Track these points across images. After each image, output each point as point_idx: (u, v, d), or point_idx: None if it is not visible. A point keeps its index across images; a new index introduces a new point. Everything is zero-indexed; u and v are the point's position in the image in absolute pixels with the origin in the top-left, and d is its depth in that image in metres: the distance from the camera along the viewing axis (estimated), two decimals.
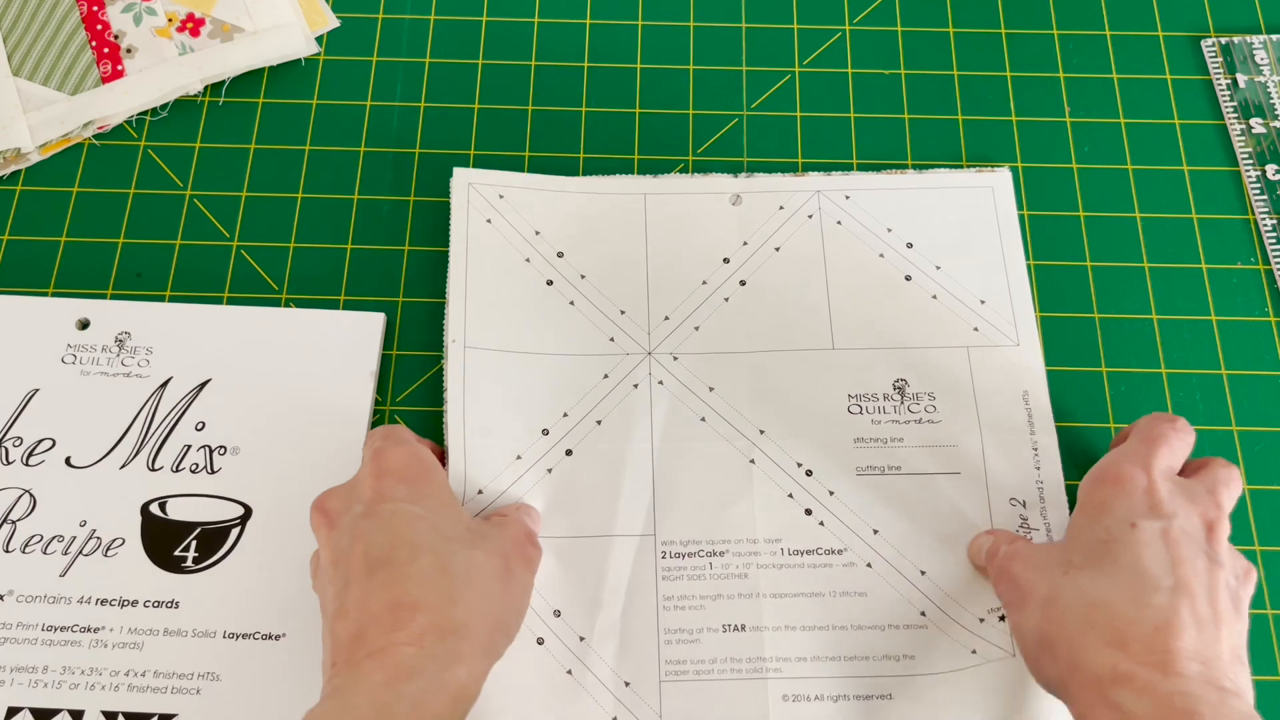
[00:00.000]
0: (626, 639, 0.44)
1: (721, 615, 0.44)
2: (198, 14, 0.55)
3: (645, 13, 0.57)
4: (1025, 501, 0.46)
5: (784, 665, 0.43)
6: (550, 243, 0.51)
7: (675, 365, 0.49)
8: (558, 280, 0.50)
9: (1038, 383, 0.48)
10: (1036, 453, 0.47)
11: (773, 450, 0.47)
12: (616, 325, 0.49)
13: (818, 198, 0.52)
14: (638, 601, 0.44)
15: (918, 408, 0.48)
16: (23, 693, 0.43)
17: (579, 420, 0.47)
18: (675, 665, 0.43)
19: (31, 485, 0.46)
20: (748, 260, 0.51)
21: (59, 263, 0.51)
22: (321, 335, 0.49)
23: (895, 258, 0.51)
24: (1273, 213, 0.53)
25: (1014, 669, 0.43)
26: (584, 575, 0.45)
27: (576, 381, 0.48)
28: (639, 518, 0.46)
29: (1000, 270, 0.51)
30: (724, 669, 0.43)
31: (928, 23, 0.57)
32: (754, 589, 0.45)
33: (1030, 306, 0.50)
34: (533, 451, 0.47)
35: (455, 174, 0.52)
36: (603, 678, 0.43)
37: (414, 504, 0.38)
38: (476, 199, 0.51)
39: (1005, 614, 0.39)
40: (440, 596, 0.36)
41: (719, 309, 0.50)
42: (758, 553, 0.45)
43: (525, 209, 0.51)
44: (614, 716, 0.43)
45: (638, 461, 0.47)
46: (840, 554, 0.45)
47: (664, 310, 0.50)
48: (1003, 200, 0.52)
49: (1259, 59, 0.56)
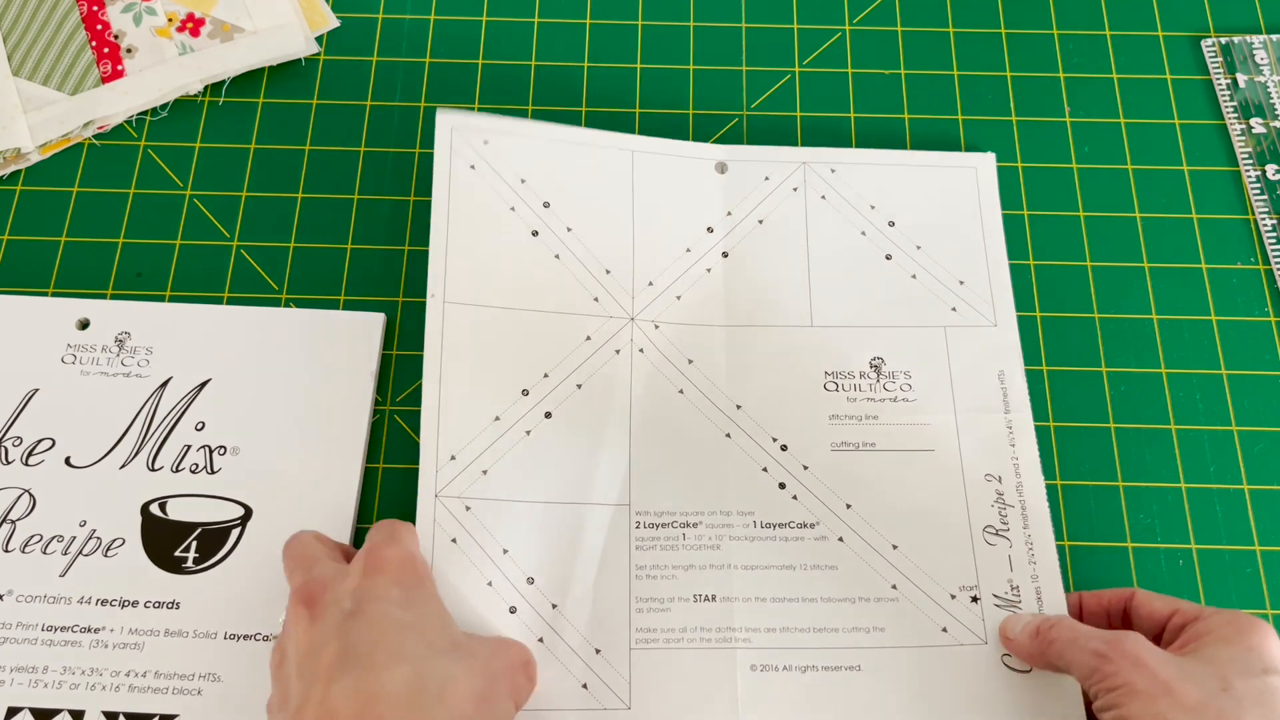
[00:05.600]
0: (598, 607, 0.44)
1: (693, 585, 0.45)
2: (198, 14, 0.55)
3: (645, 13, 0.57)
4: (1001, 477, 0.47)
5: (753, 635, 0.44)
6: (536, 192, 0.50)
7: (656, 334, 0.49)
8: (543, 231, 0.50)
9: (1013, 363, 0.49)
10: (1011, 430, 0.48)
11: (748, 425, 0.47)
12: (601, 285, 0.49)
13: (804, 170, 0.52)
14: (610, 570, 0.45)
15: (893, 386, 0.48)
16: (23, 693, 0.42)
17: (559, 382, 0.47)
18: (646, 633, 0.44)
19: (31, 485, 0.46)
20: (731, 231, 0.51)
21: (59, 263, 0.51)
22: (321, 335, 0.49)
23: (877, 236, 0.51)
24: (1273, 213, 0.53)
25: (984, 656, 0.43)
26: (558, 542, 0.45)
27: (559, 341, 0.48)
28: (614, 487, 0.46)
29: (980, 252, 0.51)
30: (693, 638, 0.44)
31: (928, 23, 0.57)
32: (726, 560, 0.45)
33: (1008, 288, 0.50)
34: (512, 412, 0.47)
35: (439, 116, 0.51)
36: (574, 645, 0.43)
37: (404, 609, 0.37)
38: (460, 143, 0.50)
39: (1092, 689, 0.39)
40: (406, 710, 0.35)
41: (701, 279, 0.50)
42: (730, 525, 0.46)
43: (511, 155, 0.51)
44: (584, 683, 0.43)
45: (615, 430, 0.47)
46: (812, 528, 0.46)
47: (648, 275, 0.50)
48: (985, 182, 0.53)
49: (1259, 59, 0.56)
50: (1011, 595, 0.45)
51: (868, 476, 0.47)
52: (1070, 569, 0.46)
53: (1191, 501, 0.48)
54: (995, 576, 0.45)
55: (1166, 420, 0.49)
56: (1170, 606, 0.41)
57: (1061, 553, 0.46)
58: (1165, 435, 0.49)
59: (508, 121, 0.51)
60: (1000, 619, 0.44)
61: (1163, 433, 0.49)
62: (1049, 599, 0.44)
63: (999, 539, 0.46)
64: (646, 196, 0.51)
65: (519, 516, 0.45)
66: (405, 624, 0.37)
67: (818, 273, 0.50)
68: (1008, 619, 0.44)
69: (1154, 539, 0.47)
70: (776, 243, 0.51)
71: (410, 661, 0.36)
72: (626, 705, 0.43)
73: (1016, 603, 0.44)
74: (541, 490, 0.46)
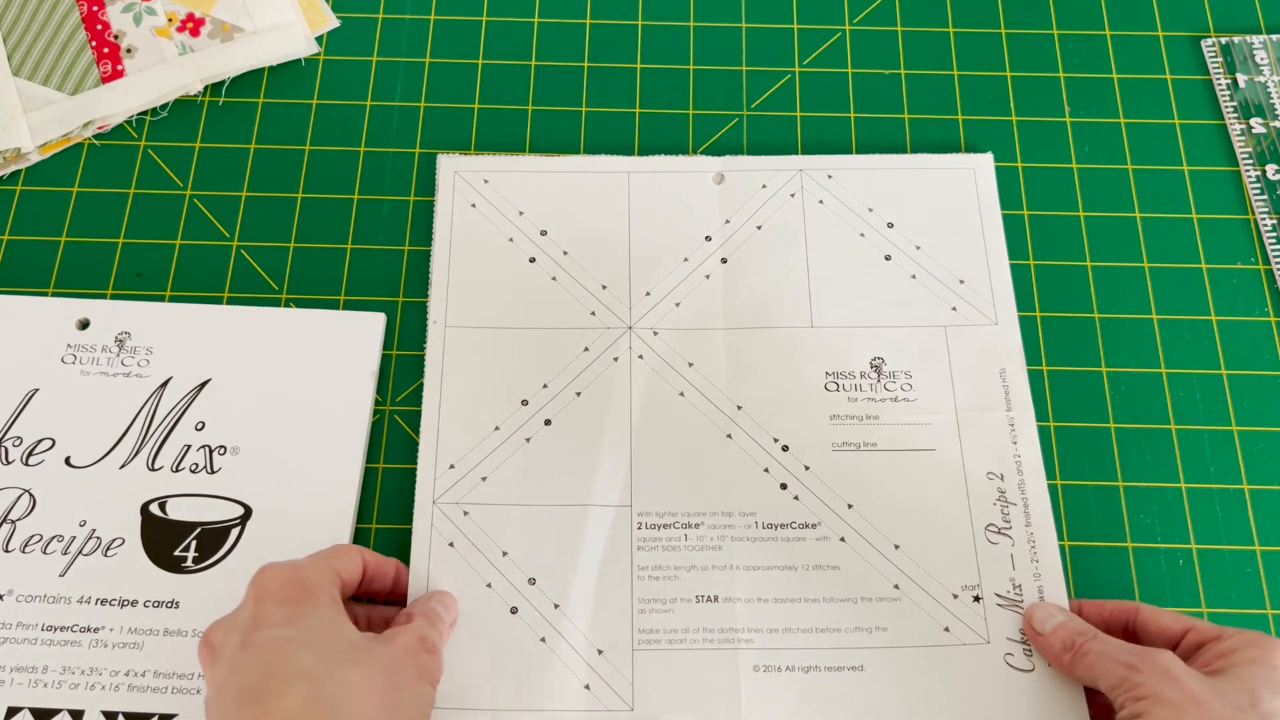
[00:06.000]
0: (600, 608, 0.44)
1: (695, 586, 0.45)
2: (198, 14, 0.55)
3: (645, 13, 0.57)
4: (1003, 475, 0.47)
5: (755, 636, 0.44)
6: (534, 221, 0.51)
7: (655, 340, 0.49)
8: (540, 257, 0.50)
9: (1015, 361, 0.49)
10: (1013, 427, 0.48)
11: (749, 425, 0.48)
12: (598, 299, 0.50)
13: (800, 176, 0.52)
14: (612, 571, 0.45)
15: (894, 386, 0.48)
16: (23, 693, 0.43)
17: (558, 391, 0.48)
18: (648, 634, 0.44)
19: (31, 485, 0.46)
20: (729, 238, 0.51)
21: (59, 263, 0.51)
22: (321, 335, 0.49)
23: (876, 237, 0.51)
24: (1273, 213, 0.53)
25: (987, 655, 0.43)
26: (559, 544, 0.45)
27: (557, 354, 0.49)
28: (616, 489, 0.46)
29: (980, 250, 0.51)
30: (696, 639, 0.44)
31: (928, 23, 0.57)
32: (728, 561, 0.45)
33: (1009, 286, 0.51)
34: (511, 422, 0.47)
35: (440, 161, 0.52)
36: (576, 645, 0.44)
37: (290, 627, 0.37)
38: (462, 185, 0.52)
39: (1119, 698, 0.39)
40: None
41: (700, 286, 0.50)
42: (732, 525, 0.46)
43: (510, 191, 0.52)
44: (586, 684, 0.43)
45: (616, 433, 0.47)
46: (814, 528, 0.46)
47: (645, 286, 0.50)
48: (984, 181, 0.53)
49: (1259, 59, 0.56)
50: (1014, 594, 0.45)
51: (869, 476, 0.47)
52: (1070, 569, 0.46)
53: (1191, 501, 0.48)
54: (998, 575, 0.45)
55: (1166, 420, 0.49)
56: (1183, 624, 0.41)
57: (1061, 553, 0.46)
58: (1165, 435, 0.49)
59: (507, 160, 0.53)
60: (1003, 618, 0.44)
61: (1163, 433, 0.49)
62: (1051, 597, 0.44)
63: (1001, 537, 0.46)
64: (643, 213, 0.52)
65: (519, 520, 0.45)
66: (293, 641, 0.36)
67: (817, 274, 0.51)
68: (1036, 607, 0.44)
69: (1154, 539, 0.47)
70: (775, 247, 0.51)
71: (304, 678, 0.35)
72: (629, 706, 0.43)
73: (1019, 601, 0.44)
74: (542, 494, 0.46)
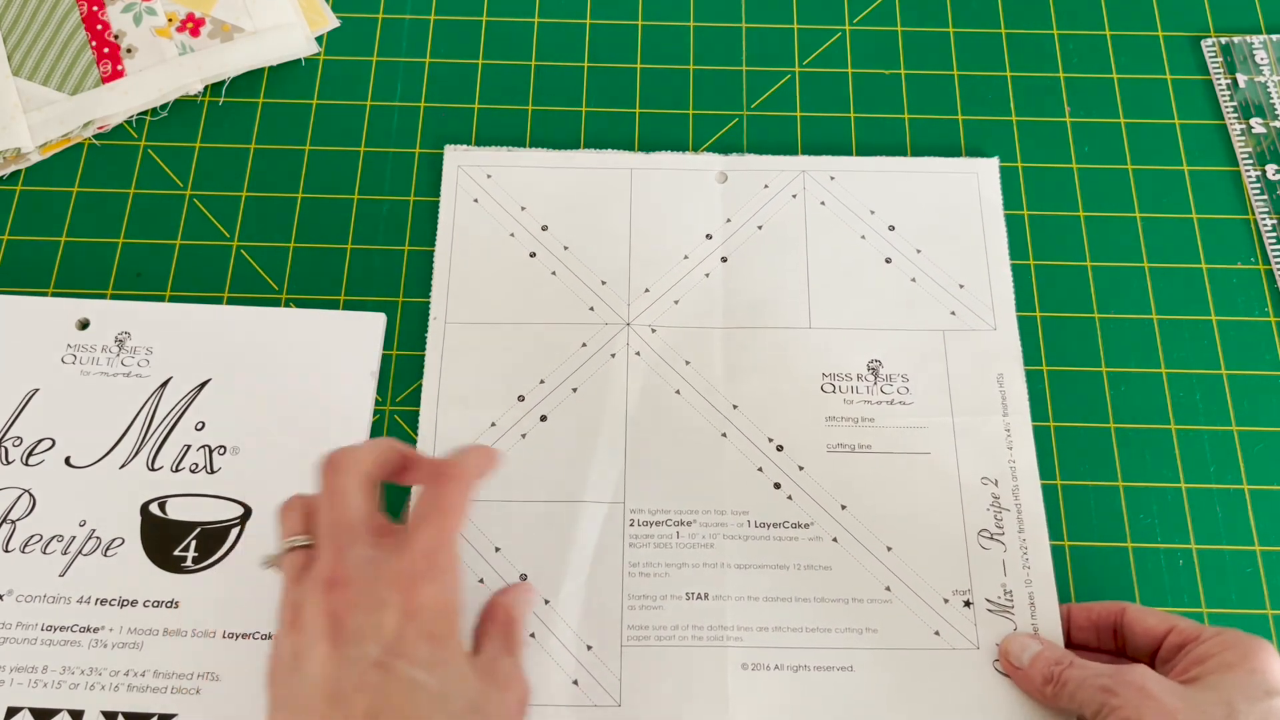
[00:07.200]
0: (591, 604, 0.45)
1: (685, 584, 0.45)
2: (198, 14, 0.55)
3: (645, 13, 0.57)
4: (997, 480, 0.47)
5: (744, 635, 0.44)
6: (535, 217, 0.51)
7: (653, 337, 0.49)
8: (540, 252, 0.51)
9: (1013, 367, 0.49)
10: (1009, 433, 0.48)
11: (744, 425, 0.48)
12: (597, 295, 0.50)
13: (803, 177, 0.52)
14: (603, 567, 0.45)
15: (890, 389, 0.48)
16: (23, 693, 0.43)
17: (555, 387, 0.48)
18: (637, 631, 0.44)
19: (31, 485, 0.46)
20: (730, 237, 0.51)
21: (59, 263, 0.51)
22: (321, 335, 0.49)
23: (876, 240, 0.51)
24: (1273, 213, 0.53)
25: (976, 661, 0.44)
26: (552, 540, 0.45)
27: (554, 349, 0.49)
28: (609, 485, 0.46)
29: (981, 255, 0.51)
30: (685, 636, 0.44)
31: (928, 23, 0.57)
32: (719, 559, 0.45)
33: (1010, 291, 0.50)
34: (507, 417, 0.47)
35: (446, 153, 0.53)
36: (565, 641, 0.44)
37: (430, 672, 0.36)
38: (465, 180, 0.52)
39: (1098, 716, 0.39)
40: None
41: (699, 284, 0.50)
42: (724, 524, 0.46)
43: (512, 186, 0.52)
44: (575, 679, 0.43)
45: (611, 429, 0.47)
46: (807, 528, 0.46)
47: (644, 283, 0.50)
48: (987, 186, 0.53)
49: (1259, 59, 0.56)
50: (1004, 600, 0.45)
51: (863, 478, 0.47)
52: (1070, 570, 0.46)
53: (1191, 501, 0.48)
54: (989, 581, 0.45)
55: (1166, 420, 0.49)
56: (1166, 624, 0.41)
57: (1061, 553, 0.46)
58: (1165, 435, 0.49)
59: (511, 154, 0.53)
60: (993, 624, 0.44)
61: (1163, 433, 0.49)
62: (1042, 604, 0.44)
63: (993, 543, 0.46)
64: (645, 210, 0.52)
65: (512, 516, 0.46)
66: (431, 694, 0.36)
67: (816, 276, 0.51)
68: (1010, 640, 0.44)
69: (1154, 539, 0.47)
70: (775, 247, 0.51)
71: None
72: (617, 702, 0.43)
73: (1009, 608, 0.44)
74: (536, 490, 0.46)
